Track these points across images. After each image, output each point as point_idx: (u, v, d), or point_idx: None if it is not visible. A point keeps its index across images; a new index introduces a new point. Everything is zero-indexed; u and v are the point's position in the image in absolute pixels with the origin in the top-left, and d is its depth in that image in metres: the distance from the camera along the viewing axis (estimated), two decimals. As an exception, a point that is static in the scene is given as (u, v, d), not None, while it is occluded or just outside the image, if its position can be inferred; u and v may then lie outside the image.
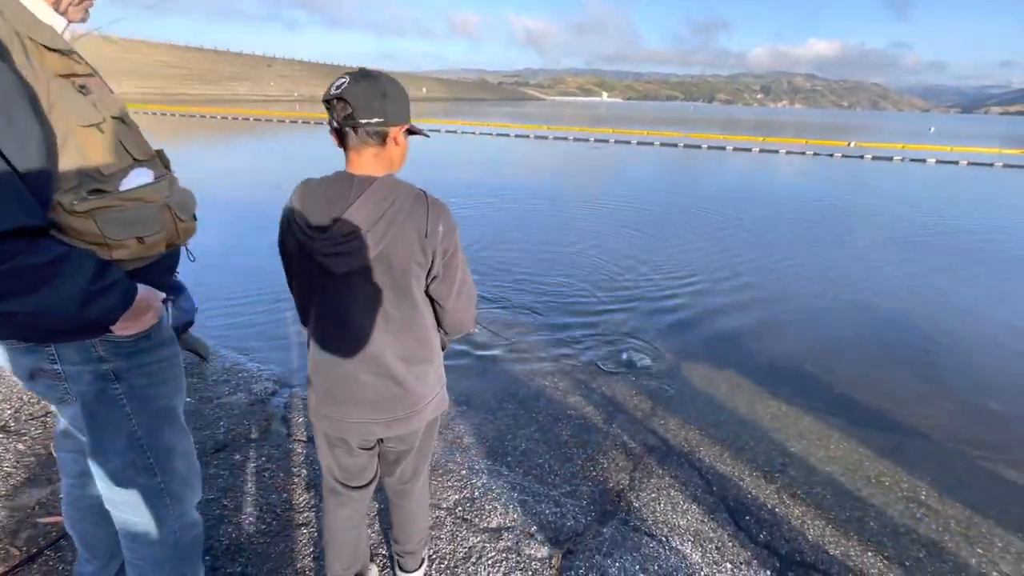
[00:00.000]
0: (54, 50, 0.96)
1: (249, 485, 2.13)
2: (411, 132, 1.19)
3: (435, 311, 1.27)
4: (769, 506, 2.22)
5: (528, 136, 22.25)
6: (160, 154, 1.22)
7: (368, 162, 1.13)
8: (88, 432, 1.16)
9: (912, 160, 17.60)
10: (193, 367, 3.03)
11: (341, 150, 1.16)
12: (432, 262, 1.15)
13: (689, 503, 2.20)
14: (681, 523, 2.08)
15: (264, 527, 1.92)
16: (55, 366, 1.08)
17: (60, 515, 1.86)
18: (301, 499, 2.07)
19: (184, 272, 1.39)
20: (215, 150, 15.13)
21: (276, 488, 2.12)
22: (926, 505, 2.29)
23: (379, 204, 1.09)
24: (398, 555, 1.63)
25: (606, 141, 21.16)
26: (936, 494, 2.36)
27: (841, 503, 2.26)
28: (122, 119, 1.09)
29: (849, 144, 22.45)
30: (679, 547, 1.96)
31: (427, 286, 1.21)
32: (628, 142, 21.04)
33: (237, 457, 2.29)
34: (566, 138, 21.77)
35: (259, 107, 37.15)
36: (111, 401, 1.13)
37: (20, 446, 2.25)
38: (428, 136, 1.34)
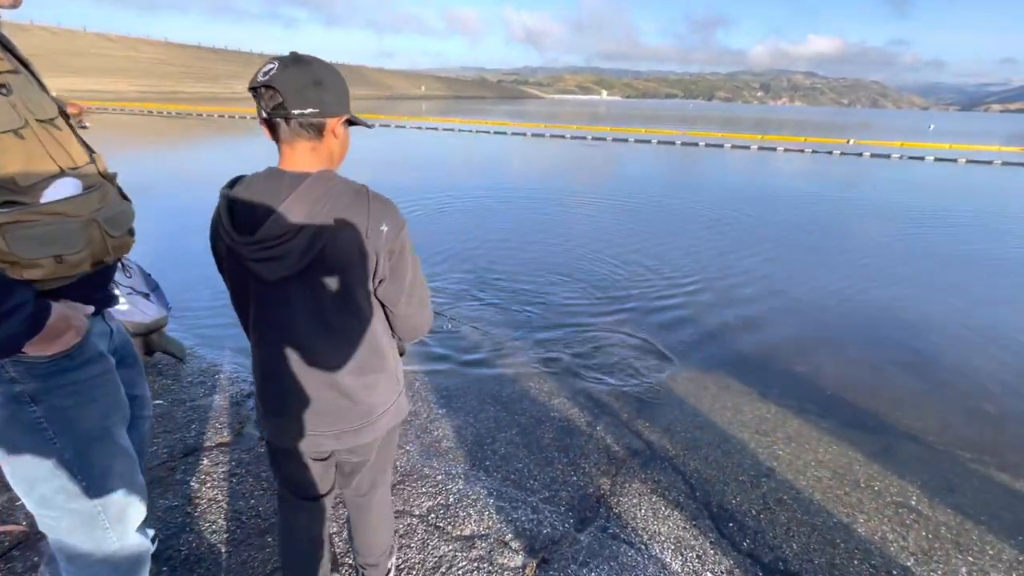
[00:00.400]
0: None
1: (215, 491, 2.06)
2: (351, 123, 1.09)
3: (387, 316, 1.19)
4: (754, 512, 2.15)
5: (525, 134, 22.15)
6: (95, 161, 1.11)
7: (303, 157, 1.03)
8: (3, 460, 1.06)
9: (911, 158, 17.53)
10: (168, 368, 2.96)
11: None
12: (376, 264, 1.05)
13: (671, 509, 2.13)
14: (662, 530, 2.02)
15: (227, 535, 1.85)
16: None
17: (16, 524, 1.80)
18: (269, 506, 1.99)
19: (171, 270, 1.31)
20: (212, 149, 15.02)
21: (243, 494, 2.05)
22: (916, 511, 2.22)
23: (314, 203, 0.98)
24: (361, 567, 1.56)
25: (603, 139, 21.06)
26: (927, 499, 2.29)
27: (829, 509, 2.20)
28: (51, 122, 1.00)
29: (848, 142, 22.35)
30: (659, 555, 1.89)
31: (375, 290, 1.11)
32: (626, 140, 20.94)
33: (205, 462, 2.22)
34: (563, 136, 21.67)
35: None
36: (29, 426, 1.04)
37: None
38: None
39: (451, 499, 2.11)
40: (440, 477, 2.23)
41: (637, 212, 8.12)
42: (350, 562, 1.75)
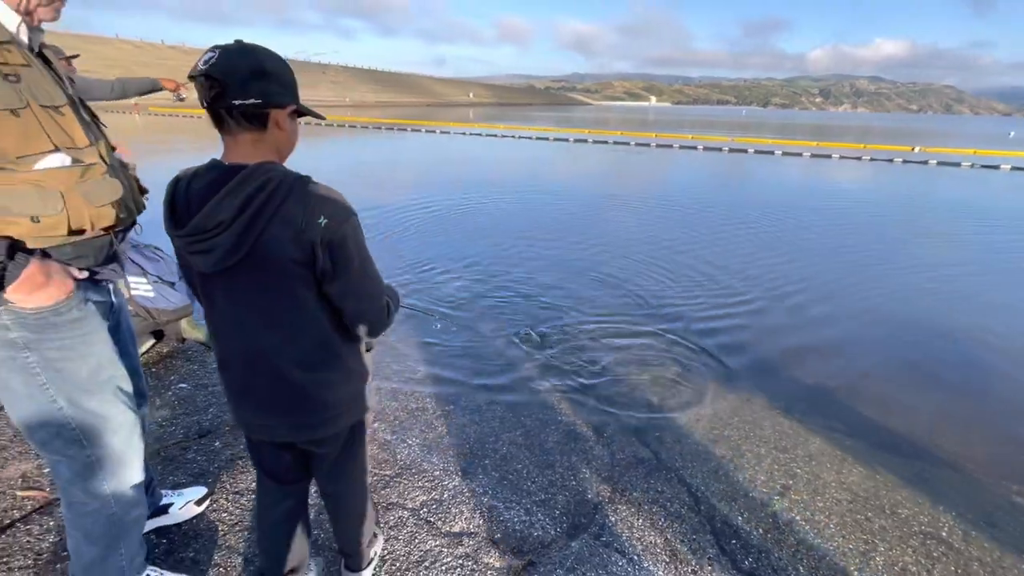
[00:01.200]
0: None
1: (222, 473, 2.15)
2: (300, 114, 1.07)
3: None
4: (761, 531, 2.03)
5: (568, 139, 22.09)
6: (98, 145, 1.22)
7: (246, 150, 1.01)
8: (4, 399, 1.19)
9: (983, 166, 16.23)
10: (196, 355, 3.12)
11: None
12: (315, 257, 1.01)
13: (670, 521, 2.04)
14: (658, 542, 1.94)
15: (226, 515, 1.92)
16: None
17: (40, 489, 1.94)
18: (269, 489, 2.06)
19: None
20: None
21: (248, 477, 2.13)
22: (947, 543, 2.03)
23: (249, 194, 0.96)
24: (341, 553, 1.59)
25: (647, 145, 20.69)
26: (960, 531, 2.09)
27: (846, 534, 2.05)
28: (55, 108, 1.12)
29: (913, 149, 20.95)
30: (650, 568, 1.82)
31: (320, 284, 1.07)
32: (670, 146, 20.49)
33: (217, 444, 2.32)
34: (605, 141, 21.46)
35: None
36: (22, 369, 1.16)
37: (21, 421, 2.36)
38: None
39: (445, 495, 2.11)
40: (437, 473, 2.24)
41: (667, 216, 7.90)
42: (334, 546, 1.78)
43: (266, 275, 1.03)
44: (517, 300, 4.35)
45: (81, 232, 1.16)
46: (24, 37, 1.12)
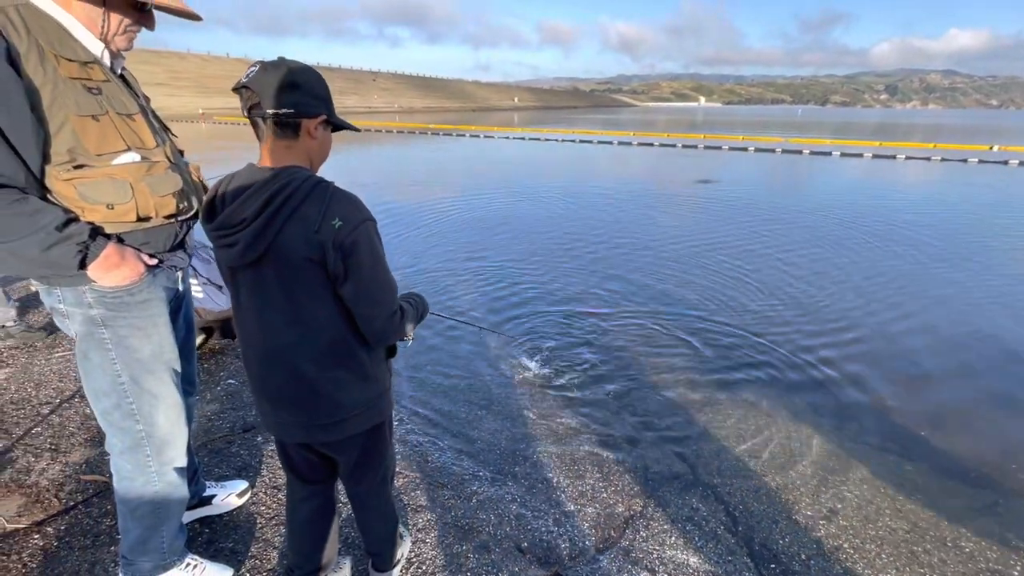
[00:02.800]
0: (72, 60, 1.19)
1: (262, 468, 2.24)
2: (336, 127, 1.15)
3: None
4: (803, 557, 1.91)
5: (611, 142, 21.80)
6: (164, 146, 1.39)
7: (279, 155, 1.08)
8: (81, 369, 1.35)
9: (1076, 166, 14.73)
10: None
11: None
12: (328, 259, 1.05)
13: (705, 541, 1.96)
14: (691, 562, 1.86)
15: (264, 509, 2.00)
16: (60, 306, 1.31)
17: (100, 475, 2.09)
18: (305, 486, 2.13)
19: None
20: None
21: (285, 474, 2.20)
22: (1019, 583, 1.85)
23: (272, 194, 1.02)
24: (368, 553, 1.62)
25: (694, 147, 20.12)
26: (1035, 572, 1.89)
27: (899, 565, 1.90)
28: (128, 116, 1.30)
29: (992, 148, 19.30)
30: (682, 589, 1.75)
31: (336, 286, 1.11)
32: (719, 147, 19.83)
33: (260, 439, 2.43)
34: (651, 144, 21.02)
35: (364, 118, 40.09)
36: (98, 344, 1.32)
37: (87, 410, 2.55)
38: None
39: (474, 500, 2.11)
40: (467, 477, 2.25)
41: (716, 217, 7.62)
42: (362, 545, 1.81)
43: (285, 272, 1.08)
44: (546, 309, 4.32)
45: (148, 219, 1.32)
46: (107, 60, 1.31)
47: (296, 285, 1.09)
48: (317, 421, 1.21)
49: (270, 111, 1.03)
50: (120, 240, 1.30)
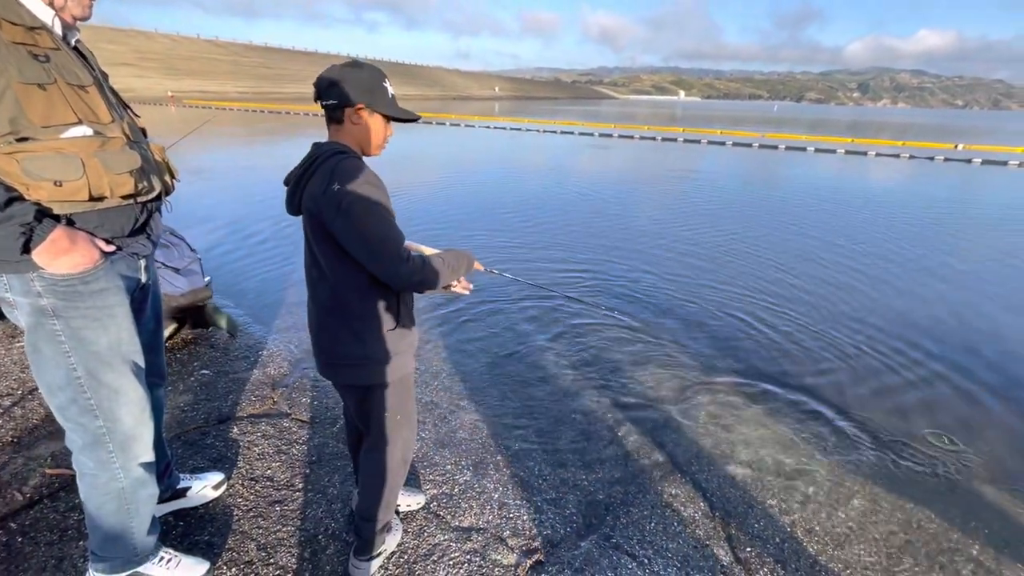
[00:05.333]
0: (17, 24, 1.10)
1: (238, 459, 2.19)
2: (388, 118, 1.34)
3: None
4: (777, 540, 1.97)
5: (592, 134, 21.85)
6: (122, 123, 1.29)
7: (333, 136, 1.32)
8: (32, 362, 1.26)
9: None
10: (220, 342, 3.19)
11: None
12: (324, 217, 1.23)
13: (683, 526, 2.00)
14: (670, 546, 1.90)
15: (241, 501, 1.96)
16: (7, 295, 1.21)
17: (66, 468, 2.01)
18: (283, 477, 2.10)
19: (245, 248, 1.61)
20: (298, 145, 16.08)
21: (262, 464, 2.17)
22: (976, 561, 1.93)
23: (306, 162, 1.28)
24: (356, 535, 1.66)
25: (674, 140, 20.31)
26: (975, 542, 1.99)
27: (867, 547, 1.97)
28: (81, 87, 1.19)
29: (956, 147, 20.01)
30: (661, 572, 1.78)
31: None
32: (698, 141, 20.07)
33: (235, 431, 2.37)
34: (632, 136, 21.14)
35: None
36: (50, 336, 1.23)
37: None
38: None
39: (456, 489, 2.11)
40: (449, 467, 2.24)
41: (693, 207, 7.73)
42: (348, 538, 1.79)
43: (309, 228, 1.32)
44: (546, 296, 4.32)
45: (102, 199, 1.21)
46: (58, 30, 1.21)
47: (315, 239, 1.31)
48: (323, 359, 1.44)
49: (323, 103, 1.29)
50: (71, 223, 1.19)
